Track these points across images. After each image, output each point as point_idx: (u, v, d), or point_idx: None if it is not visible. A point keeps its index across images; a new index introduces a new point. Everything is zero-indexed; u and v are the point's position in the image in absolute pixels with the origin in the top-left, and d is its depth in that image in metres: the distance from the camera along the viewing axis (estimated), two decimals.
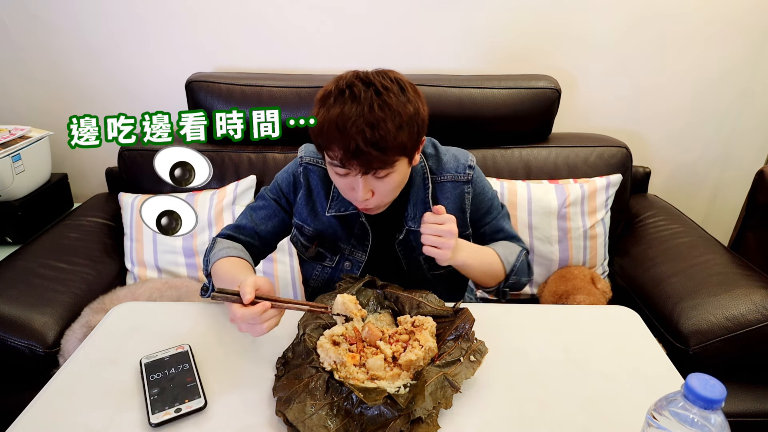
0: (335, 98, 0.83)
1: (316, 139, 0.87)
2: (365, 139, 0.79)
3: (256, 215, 1.07)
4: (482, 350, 0.77)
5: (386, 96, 0.82)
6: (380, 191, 0.88)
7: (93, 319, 1.24)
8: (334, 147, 0.83)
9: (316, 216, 1.04)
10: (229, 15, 1.70)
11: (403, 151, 0.85)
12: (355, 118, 0.80)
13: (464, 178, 1.03)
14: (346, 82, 0.84)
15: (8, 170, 1.54)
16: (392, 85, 0.84)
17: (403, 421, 0.65)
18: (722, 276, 1.31)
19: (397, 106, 0.82)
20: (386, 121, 0.80)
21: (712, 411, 0.51)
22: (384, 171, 0.85)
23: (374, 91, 0.82)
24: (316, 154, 1.03)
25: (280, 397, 0.70)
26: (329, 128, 0.82)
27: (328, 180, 1.01)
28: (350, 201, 0.94)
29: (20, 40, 1.73)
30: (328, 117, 0.82)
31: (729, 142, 1.91)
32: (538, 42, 1.74)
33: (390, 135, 0.81)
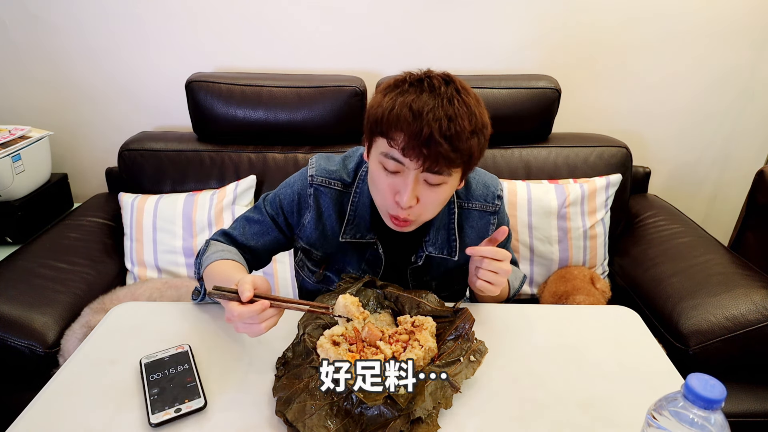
0: (411, 85, 0.77)
1: (378, 124, 0.78)
2: (440, 129, 0.73)
3: (249, 229, 1.00)
4: (482, 350, 0.77)
5: (465, 96, 0.78)
6: (426, 200, 0.81)
7: (93, 319, 1.24)
8: (400, 133, 0.75)
9: (326, 239, 0.97)
10: (229, 15, 1.70)
11: (468, 158, 0.79)
12: (434, 106, 0.74)
13: (492, 208, 0.98)
14: (425, 73, 0.79)
15: (8, 170, 1.54)
16: (468, 89, 0.80)
17: (403, 421, 0.65)
18: (722, 276, 1.31)
19: (475, 108, 0.78)
20: (464, 119, 0.75)
21: (712, 411, 0.51)
22: (440, 177, 0.78)
23: (454, 88, 0.78)
24: (329, 172, 0.95)
25: (280, 397, 0.70)
26: (401, 111, 0.75)
27: (341, 201, 0.95)
28: (386, 207, 0.84)
29: (20, 40, 1.73)
30: (401, 101, 0.76)
31: (729, 142, 1.91)
32: (538, 42, 1.74)
33: (464, 134, 0.75)
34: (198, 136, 1.69)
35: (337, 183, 0.95)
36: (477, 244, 0.95)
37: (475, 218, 0.98)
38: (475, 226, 0.98)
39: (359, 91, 1.60)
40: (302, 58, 1.76)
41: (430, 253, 0.96)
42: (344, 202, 0.95)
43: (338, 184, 0.95)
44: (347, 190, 0.95)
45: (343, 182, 0.95)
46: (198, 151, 1.64)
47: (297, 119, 1.61)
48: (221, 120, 1.61)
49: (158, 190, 1.63)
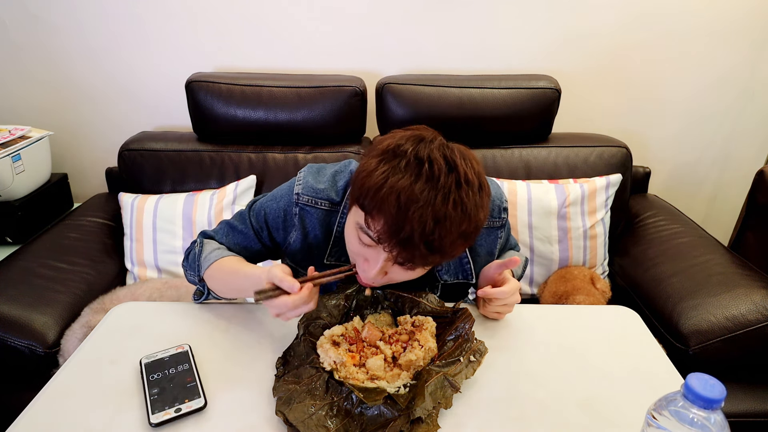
0: (408, 164, 0.68)
1: (362, 197, 0.70)
2: (423, 233, 0.66)
3: (232, 237, 0.96)
4: (482, 350, 0.77)
5: (464, 192, 0.68)
6: (394, 276, 0.77)
7: (93, 319, 1.24)
8: (380, 219, 0.68)
9: (312, 259, 0.92)
10: (229, 15, 1.70)
11: (448, 257, 0.74)
12: (424, 203, 0.65)
13: (499, 223, 0.96)
14: (429, 152, 0.68)
15: (8, 170, 1.54)
16: (474, 179, 0.70)
17: (403, 421, 0.65)
18: (722, 276, 1.31)
19: (471, 209, 0.69)
20: (453, 224, 0.67)
21: (712, 411, 0.51)
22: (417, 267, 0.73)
23: (455, 180, 0.68)
24: (316, 192, 0.89)
25: (280, 397, 0.70)
26: (387, 197, 0.66)
27: (328, 221, 0.90)
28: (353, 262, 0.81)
29: (20, 40, 1.73)
30: (391, 182, 0.67)
31: (729, 142, 1.91)
32: (538, 42, 1.74)
33: (449, 239, 0.68)
34: (198, 136, 1.69)
35: (324, 203, 0.89)
36: (486, 262, 0.95)
37: (483, 236, 0.95)
38: (484, 243, 0.96)
39: (359, 91, 1.60)
40: (302, 58, 1.76)
41: (446, 281, 0.93)
42: (331, 223, 0.89)
43: (325, 204, 0.89)
44: (335, 208, 0.89)
45: (331, 201, 0.89)
46: (198, 151, 1.64)
47: (297, 119, 1.61)
48: (221, 120, 1.61)
49: (158, 190, 1.63)
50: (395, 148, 0.70)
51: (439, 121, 1.52)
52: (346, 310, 0.86)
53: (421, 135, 0.72)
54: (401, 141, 0.71)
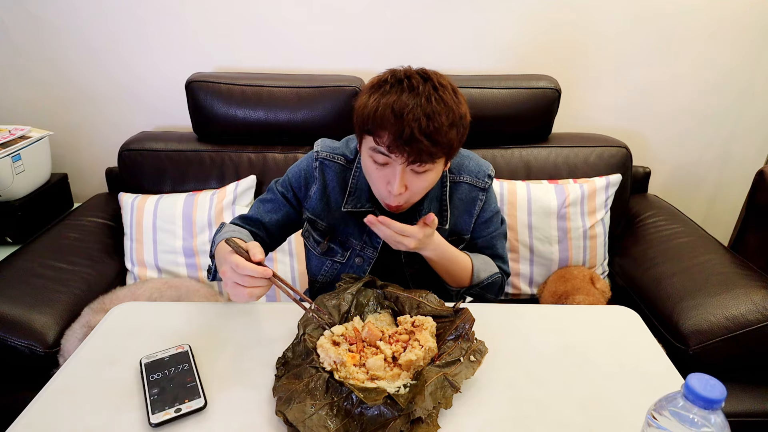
0: (392, 86, 0.84)
1: (365, 124, 0.86)
2: (420, 128, 0.80)
3: (263, 207, 1.08)
4: (482, 350, 0.77)
5: (442, 92, 0.84)
6: (414, 187, 0.89)
7: (93, 319, 1.24)
8: (385, 133, 0.83)
9: (330, 211, 1.04)
10: (229, 15, 1.70)
11: (449, 148, 0.86)
12: (413, 106, 0.81)
13: (481, 185, 1.05)
14: (404, 73, 0.86)
15: (8, 170, 1.54)
16: (447, 84, 0.87)
17: (403, 421, 0.65)
18: (722, 276, 1.31)
19: (452, 104, 0.85)
20: (441, 115, 0.82)
21: (712, 411, 0.51)
22: (424, 166, 0.85)
23: (432, 86, 0.84)
24: (333, 149, 1.05)
25: (280, 397, 0.70)
26: (384, 112, 0.82)
27: (344, 176, 1.04)
28: (380, 195, 0.93)
29: (20, 40, 1.73)
30: (384, 102, 0.83)
31: (729, 142, 1.91)
32: (538, 42, 1.74)
33: (443, 129, 0.82)
34: (198, 136, 1.69)
35: (340, 158, 1.04)
36: (464, 216, 1.05)
37: (465, 191, 1.05)
38: (464, 198, 1.05)
39: (359, 91, 1.60)
40: (302, 58, 1.76)
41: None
42: (347, 177, 1.03)
43: (341, 159, 1.04)
44: (350, 165, 1.04)
45: (346, 158, 1.05)
46: (198, 151, 1.64)
47: (297, 119, 1.61)
48: (221, 120, 1.61)
49: (158, 190, 1.63)
50: (378, 80, 0.88)
51: None
52: (346, 310, 0.86)
53: (395, 69, 0.89)
54: (381, 76, 0.88)
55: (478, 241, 1.09)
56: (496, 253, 1.11)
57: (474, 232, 1.08)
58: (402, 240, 0.89)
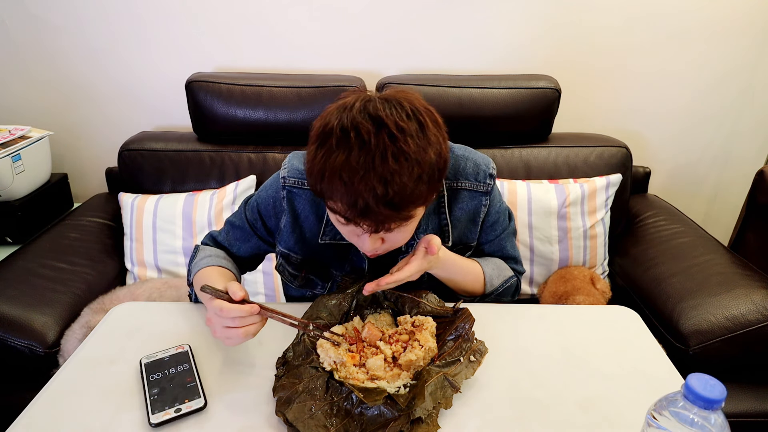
0: (338, 140, 0.67)
1: (315, 188, 0.72)
2: (376, 197, 0.65)
3: (231, 234, 0.99)
4: (482, 350, 0.77)
5: (402, 142, 0.66)
6: (392, 240, 0.78)
7: (93, 319, 1.24)
8: (338, 201, 0.69)
9: (305, 242, 0.93)
10: (230, 15, 1.70)
11: (421, 203, 0.72)
12: (364, 172, 0.65)
13: (483, 188, 0.93)
14: (351, 120, 0.68)
15: (8, 170, 1.54)
16: (409, 123, 0.68)
17: (403, 421, 0.65)
18: (722, 276, 1.31)
19: (416, 154, 0.67)
20: (402, 175, 0.66)
21: (712, 411, 0.51)
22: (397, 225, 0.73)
23: (387, 134, 0.66)
24: (301, 173, 0.89)
25: (280, 397, 0.70)
26: (331, 180, 0.67)
27: (318, 202, 0.90)
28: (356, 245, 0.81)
29: (20, 40, 1.73)
30: (330, 164, 0.67)
31: (729, 142, 1.91)
32: (538, 42, 1.74)
33: (406, 190, 0.67)
34: (198, 136, 1.69)
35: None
36: (470, 225, 0.94)
37: (465, 199, 0.93)
38: (466, 207, 0.93)
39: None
40: (302, 58, 1.76)
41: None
42: (322, 203, 0.87)
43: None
44: None
45: None
46: (198, 151, 1.64)
47: (297, 119, 1.61)
48: (221, 120, 1.61)
49: (158, 190, 1.63)
50: (323, 128, 0.71)
51: None
52: (346, 310, 0.86)
53: (344, 103, 0.72)
54: (328, 118, 0.71)
55: (485, 246, 1.00)
56: (506, 254, 1.02)
57: (480, 237, 0.98)
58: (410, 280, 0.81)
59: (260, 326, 0.74)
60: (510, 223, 1.02)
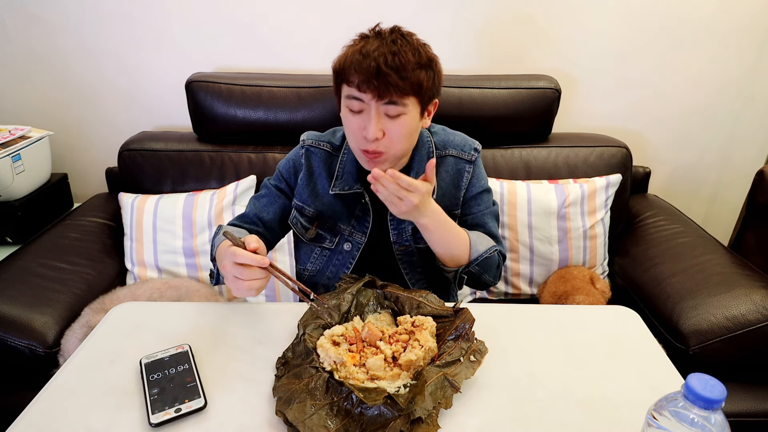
0: (361, 38, 0.92)
1: (339, 74, 0.91)
2: (386, 62, 0.85)
3: (258, 203, 1.10)
4: (482, 350, 0.77)
5: (408, 38, 0.90)
6: (391, 133, 0.91)
7: (93, 319, 1.24)
8: (354, 73, 0.87)
9: (317, 196, 1.07)
10: (229, 15, 1.70)
11: (418, 88, 0.89)
12: (378, 45, 0.87)
13: (467, 157, 1.07)
14: (372, 29, 0.93)
15: (8, 170, 1.54)
16: (414, 37, 0.92)
17: (403, 421, 0.65)
18: (722, 276, 1.31)
19: (417, 46, 0.90)
20: (407, 53, 0.87)
21: (712, 411, 0.51)
22: (397, 107, 0.88)
23: (399, 34, 0.90)
24: (318, 137, 1.09)
25: (280, 397, 0.70)
26: (352, 57, 0.87)
27: (330, 161, 1.07)
28: (359, 145, 0.93)
29: (20, 41, 1.73)
30: (351, 49, 0.89)
31: (729, 143, 1.91)
32: (538, 42, 1.74)
33: (410, 64, 0.86)
34: (198, 136, 1.69)
35: (326, 145, 1.08)
36: (452, 189, 1.06)
37: (451, 164, 1.07)
38: (450, 171, 1.06)
39: None
40: (302, 58, 1.76)
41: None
42: (333, 163, 1.06)
43: (327, 146, 1.08)
44: (336, 152, 1.07)
45: (332, 145, 1.08)
46: (198, 151, 1.64)
47: (297, 119, 1.61)
48: (221, 120, 1.61)
49: (158, 190, 1.63)
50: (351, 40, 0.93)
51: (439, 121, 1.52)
52: (345, 309, 0.86)
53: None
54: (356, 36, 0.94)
55: (468, 218, 1.08)
56: (488, 231, 1.08)
57: (463, 208, 1.08)
58: (406, 195, 0.86)
59: (264, 282, 0.81)
60: (494, 206, 1.12)
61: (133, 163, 1.63)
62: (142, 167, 1.62)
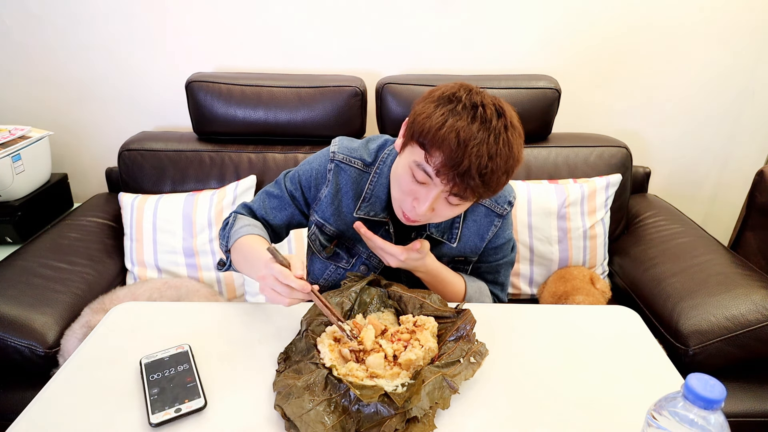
0: (464, 107, 0.77)
1: (422, 136, 0.78)
2: (479, 166, 0.75)
3: (268, 203, 1.04)
4: (482, 352, 0.77)
5: (512, 134, 0.78)
6: (441, 213, 0.85)
7: (93, 319, 1.24)
8: (440, 155, 0.76)
9: (340, 215, 1.00)
10: (229, 15, 1.70)
11: (494, 192, 0.81)
12: (480, 141, 0.75)
13: (500, 211, 1.00)
14: (480, 98, 0.78)
15: (8, 170, 1.54)
16: (517, 125, 0.81)
17: (399, 420, 0.65)
18: (722, 276, 1.31)
19: (516, 150, 0.79)
20: (502, 159, 0.77)
21: (711, 411, 0.51)
22: (459, 200, 0.81)
23: (504, 124, 0.78)
24: (351, 150, 0.99)
25: (279, 392, 0.70)
26: (448, 134, 0.75)
27: (359, 180, 0.98)
28: (402, 205, 0.87)
29: (20, 40, 1.73)
30: (451, 123, 0.75)
31: (729, 142, 1.91)
32: (538, 42, 1.74)
33: (498, 173, 0.77)
34: (198, 136, 1.69)
35: (357, 162, 0.98)
36: (476, 239, 1.00)
37: (481, 214, 1.00)
38: (478, 221, 1.00)
39: (359, 92, 1.60)
40: (302, 58, 1.76)
41: (431, 233, 0.97)
42: (362, 182, 0.98)
43: (359, 163, 0.98)
44: (367, 170, 0.98)
45: (363, 162, 0.98)
46: (198, 151, 1.64)
47: (297, 119, 1.61)
48: (221, 120, 1.61)
49: (158, 190, 1.63)
50: (450, 95, 0.79)
51: None
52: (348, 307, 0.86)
53: (468, 86, 0.81)
54: (454, 89, 0.80)
55: (482, 265, 1.05)
56: (497, 279, 1.08)
57: (481, 255, 1.04)
58: (383, 256, 0.88)
59: (300, 301, 0.79)
60: (512, 254, 1.08)
61: (133, 163, 1.63)
62: (142, 167, 1.62)
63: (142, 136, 1.69)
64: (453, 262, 1.03)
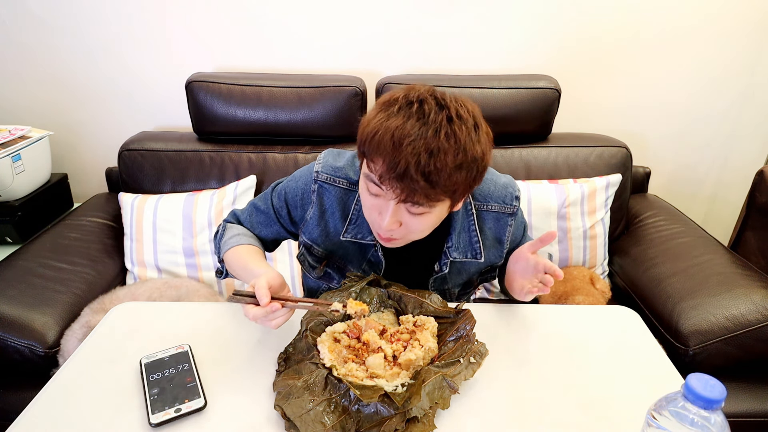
0: (400, 107, 0.72)
1: (363, 145, 0.75)
2: (418, 164, 0.69)
3: (255, 217, 1.02)
4: (482, 352, 0.77)
5: (458, 126, 0.71)
6: (409, 227, 0.79)
7: (93, 319, 1.24)
8: (379, 160, 0.72)
9: (328, 237, 0.96)
10: (229, 15, 1.70)
11: (451, 193, 0.74)
12: (415, 137, 0.69)
13: (509, 210, 0.96)
14: (419, 95, 0.74)
15: (8, 170, 1.54)
16: (467, 117, 0.74)
17: (399, 420, 0.65)
18: (722, 276, 1.31)
19: (465, 143, 0.71)
20: (447, 154, 0.70)
21: (712, 411, 0.51)
22: (419, 208, 0.75)
23: (446, 116, 0.71)
24: (335, 170, 0.93)
25: (279, 392, 0.70)
26: (382, 138, 0.70)
27: (345, 199, 0.93)
28: (372, 224, 0.83)
29: (20, 40, 1.73)
30: (385, 125, 0.71)
31: (729, 142, 1.91)
32: (538, 42, 1.74)
33: (446, 170, 0.70)
34: (198, 136, 1.69)
35: (342, 181, 0.93)
36: (495, 247, 0.97)
37: (493, 220, 0.96)
38: (492, 227, 0.96)
39: (359, 92, 1.60)
40: (302, 58, 1.76)
41: (455, 258, 0.94)
42: (349, 201, 0.93)
43: (344, 183, 0.93)
44: (353, 188, 0.93)
45: (349, 180, 0.93)
46: (198, 151, 1.64)
47: (297, 119, 1.61)
48: (221, 120, 1.61)
49: (158, 190, 1.63)
50: (389, 98, 0.75)
51: None
52: None
53: (413, 86, 0.77)
54: (395, 93, 0.76)
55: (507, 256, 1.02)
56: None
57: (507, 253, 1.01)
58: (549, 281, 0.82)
59: (288, 316, 0.77)
60: (525, 235, 1.06)
61: (133, 163, 1.63)
62: (142, 167, 1.62)
63: (142, 136, 1.69)
64: (481, 274, 1.02)
